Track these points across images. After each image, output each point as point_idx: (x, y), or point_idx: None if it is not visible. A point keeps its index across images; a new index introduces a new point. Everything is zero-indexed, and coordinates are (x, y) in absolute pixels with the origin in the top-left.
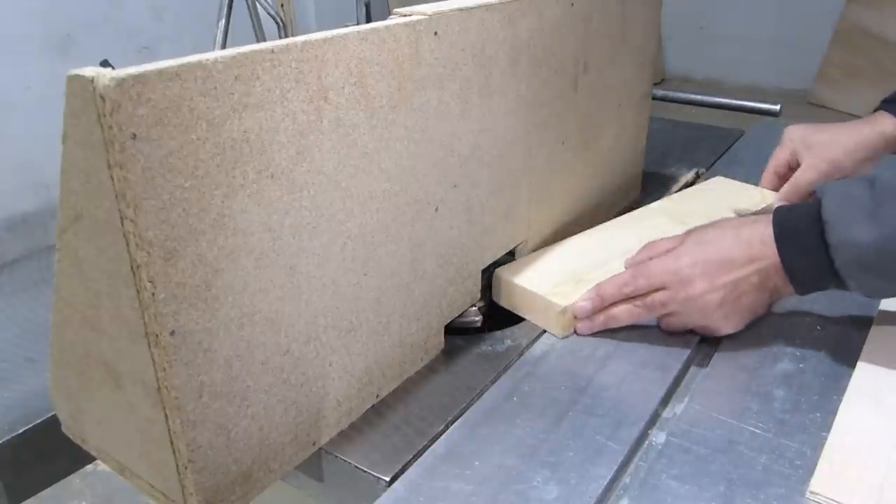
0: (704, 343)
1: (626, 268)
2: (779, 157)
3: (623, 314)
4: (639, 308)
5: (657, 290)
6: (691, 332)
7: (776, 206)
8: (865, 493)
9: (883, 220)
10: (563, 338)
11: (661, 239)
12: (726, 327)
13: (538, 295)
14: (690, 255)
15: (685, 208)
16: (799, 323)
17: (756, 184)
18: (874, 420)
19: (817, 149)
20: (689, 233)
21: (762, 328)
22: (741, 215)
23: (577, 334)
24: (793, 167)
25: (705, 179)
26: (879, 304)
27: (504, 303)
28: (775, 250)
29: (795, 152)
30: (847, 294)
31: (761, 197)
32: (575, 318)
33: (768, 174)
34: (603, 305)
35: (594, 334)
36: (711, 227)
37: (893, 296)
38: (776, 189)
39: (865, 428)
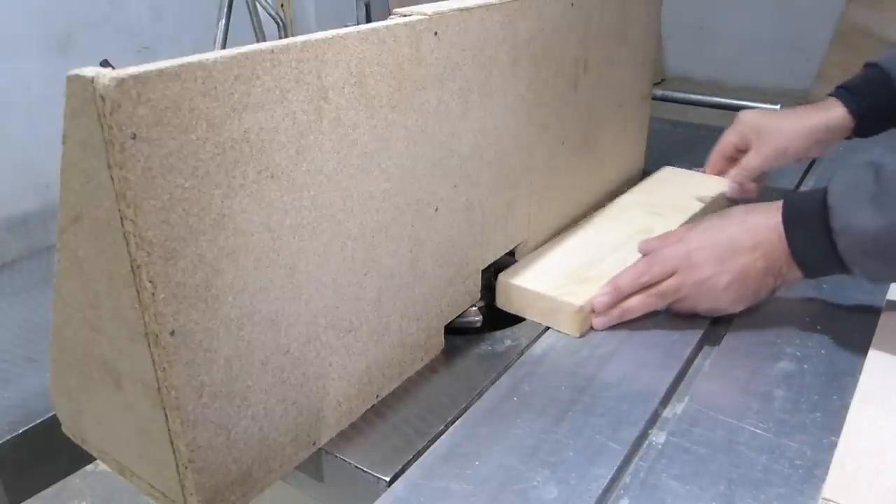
0: (705, 343)
1: (640, 253)
2: (726, 141)
3: (638, 305)
4: (652, 298)
5: (669, 276)
6: (697, 315)
7: (787, 195)
8: (879, 498)
9: (885, 208)
10: (579, 337)
11: (674, 230)
12: (731, 308)
13: (550, 297)
14: (699, 240)
15: (654, 199)
16: (799, 323)
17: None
18: (885, 423)
19: (765, 136)
20: (699, 222)
21: (763, 328)
22: (702, 200)
23: (595, 329)
24: (741, 150)
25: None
26: (883, 307)
27: (512, 308)
28: (781, 236)
29: (745, 137)
30: (847, 294)
31: (714, 183)
32: (592, 312)
33: (716, 157)
34: (620, 298)
35: (594, 332)
36: (720, 215)
37: None
38: (722, 171)
39: (876, 431)
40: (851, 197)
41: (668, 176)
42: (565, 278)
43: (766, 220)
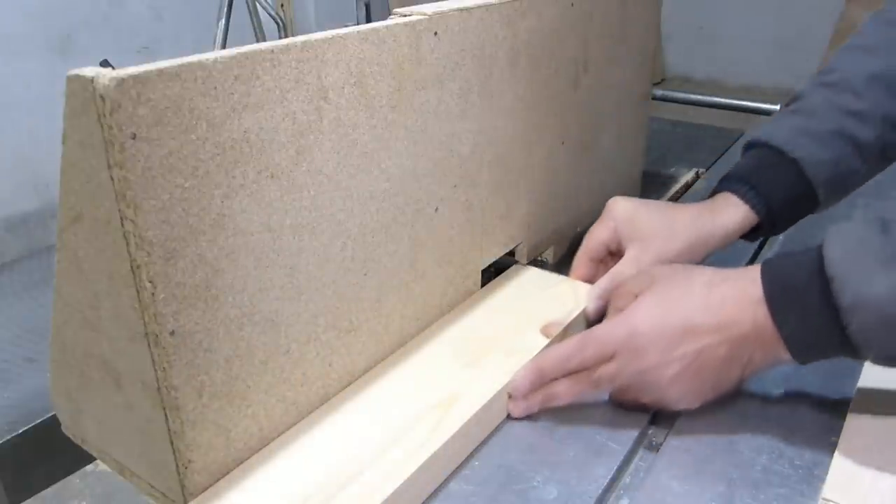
0: None
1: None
2: (595, 237)
3: (565, 391)
4: (583, 385)
5: (606, 360)
6: (644, 407)
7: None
8: (879, 498)
9: None
10: None
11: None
12: (681, 404)
13: None
14: (648, 318)
15: (483, 331)
16: None
17: None
18: (885, 423)
19: (646, 239)
20: (654, 279)
21: None
22: (548, 332)
23: (511, 417)
24: (612, 251)
25: (705, 180)
26: None
27: None
28: (758, 317)
29: (618, 233)
30: None
31: (573, 295)
32: (509, 396)
33: (582, 259)
34: (543, 382)
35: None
36: (681, 277)
37: None
38: (590, 278)
39: (876, 431)
40: (858, 262)
41: (520, 279)
42: None
43: (739, 295)
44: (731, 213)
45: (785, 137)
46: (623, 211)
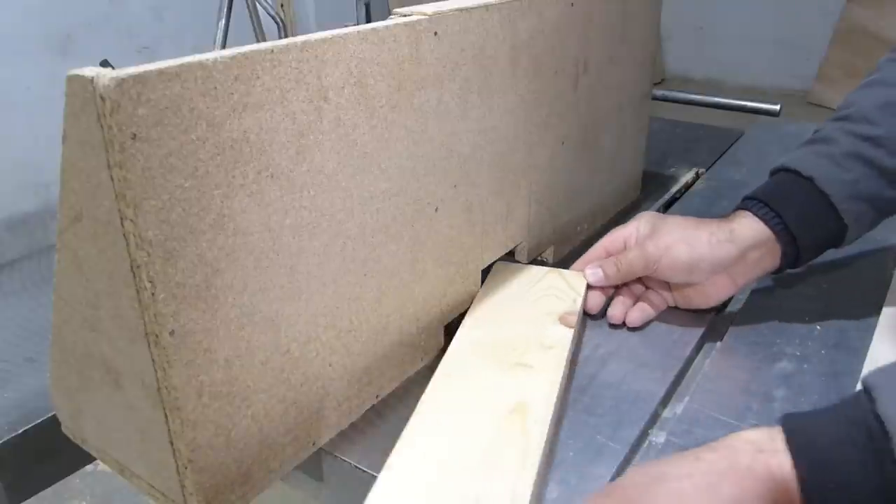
0: (705, 342)
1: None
2: (617, 232)
3: None
4: None
5: None
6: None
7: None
8: None
9: None
10: None
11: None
12: None
13: None
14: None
15: (498, 332)
16: (799, 323)
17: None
18: None
19: (661, 235)
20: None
21: (763, 328)
22: (566, 322)
23: None
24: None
25: (705, 180)
26: (883, 306)
27: None
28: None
29: (639, 232)
30: (847, 294)
31: (566, 284)
32: None
33: (597, 249)
34: None
35: (593, 332)
36: (669, 467)
37: None
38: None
39: None
40: None
41: (510, 280)
42: None
43: (744, 472)
44: (744, 224)
45: (800, 161)
46: (649, 216)
